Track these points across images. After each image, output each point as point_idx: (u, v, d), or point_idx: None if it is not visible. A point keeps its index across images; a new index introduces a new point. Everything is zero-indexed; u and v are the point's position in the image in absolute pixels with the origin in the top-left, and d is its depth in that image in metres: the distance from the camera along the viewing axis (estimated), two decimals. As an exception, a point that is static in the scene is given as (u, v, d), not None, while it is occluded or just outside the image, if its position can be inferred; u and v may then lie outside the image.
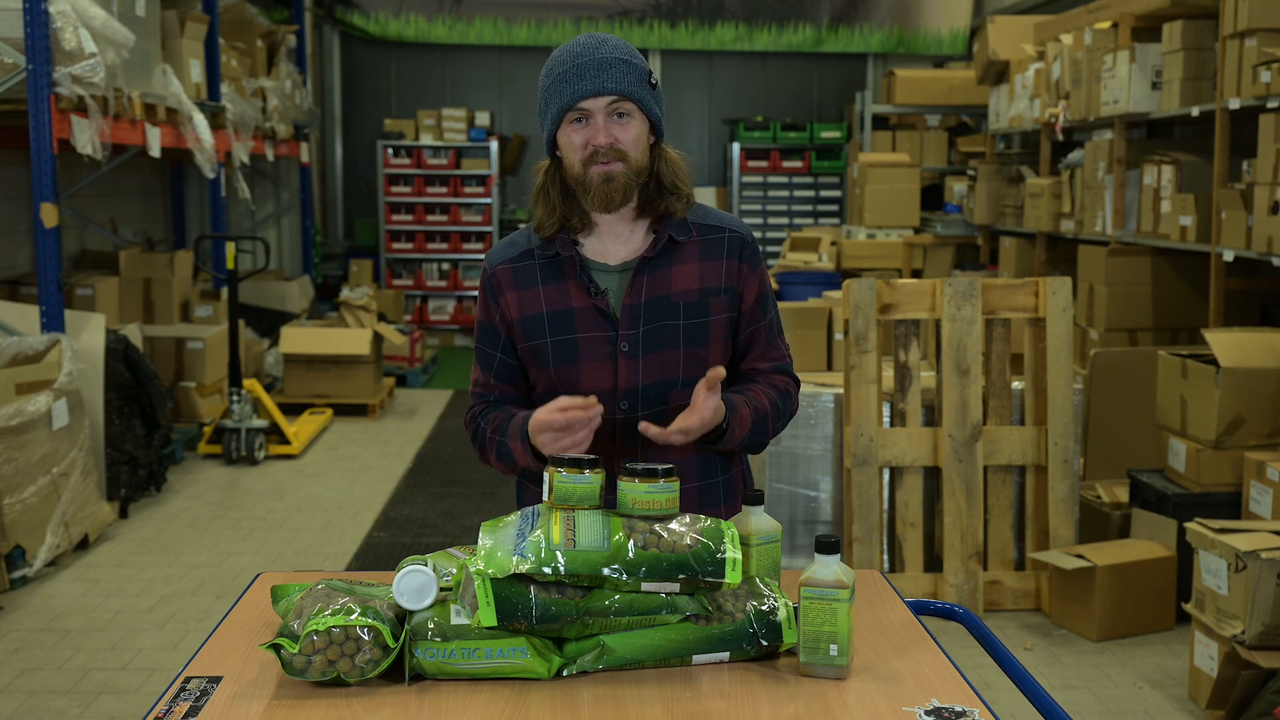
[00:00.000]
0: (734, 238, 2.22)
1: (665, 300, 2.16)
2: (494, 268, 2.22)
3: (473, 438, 2.26)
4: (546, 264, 2.19)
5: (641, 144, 2.14)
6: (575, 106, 2.09)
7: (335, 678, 1.68)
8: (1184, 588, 4.23)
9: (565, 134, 2.13)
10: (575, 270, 2.17)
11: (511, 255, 2.22)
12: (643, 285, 2.15)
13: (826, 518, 4.66)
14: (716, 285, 2.19)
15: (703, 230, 2.21)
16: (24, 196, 6.82)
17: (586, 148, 2.10)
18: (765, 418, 2.20)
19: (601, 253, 2.19)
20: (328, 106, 11.75)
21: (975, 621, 2.16)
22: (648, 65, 2.16)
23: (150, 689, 3.86)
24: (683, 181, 2.19)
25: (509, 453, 2.16)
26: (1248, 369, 4.24)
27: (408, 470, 6.70)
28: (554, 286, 2.17)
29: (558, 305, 2.17)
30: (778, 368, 2.28)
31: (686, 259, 2.18)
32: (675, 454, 2.18)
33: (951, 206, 9.25)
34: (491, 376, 2.25)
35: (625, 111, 2.11)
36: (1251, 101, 4.90)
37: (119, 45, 5.49)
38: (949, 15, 11.53)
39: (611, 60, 2.10)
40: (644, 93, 2.13)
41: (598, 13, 11.53)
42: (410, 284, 11.37)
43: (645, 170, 2.15)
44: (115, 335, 5.88)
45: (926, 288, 4.52)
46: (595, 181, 2.10)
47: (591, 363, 2.15)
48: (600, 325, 2.15)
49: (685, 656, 1.77)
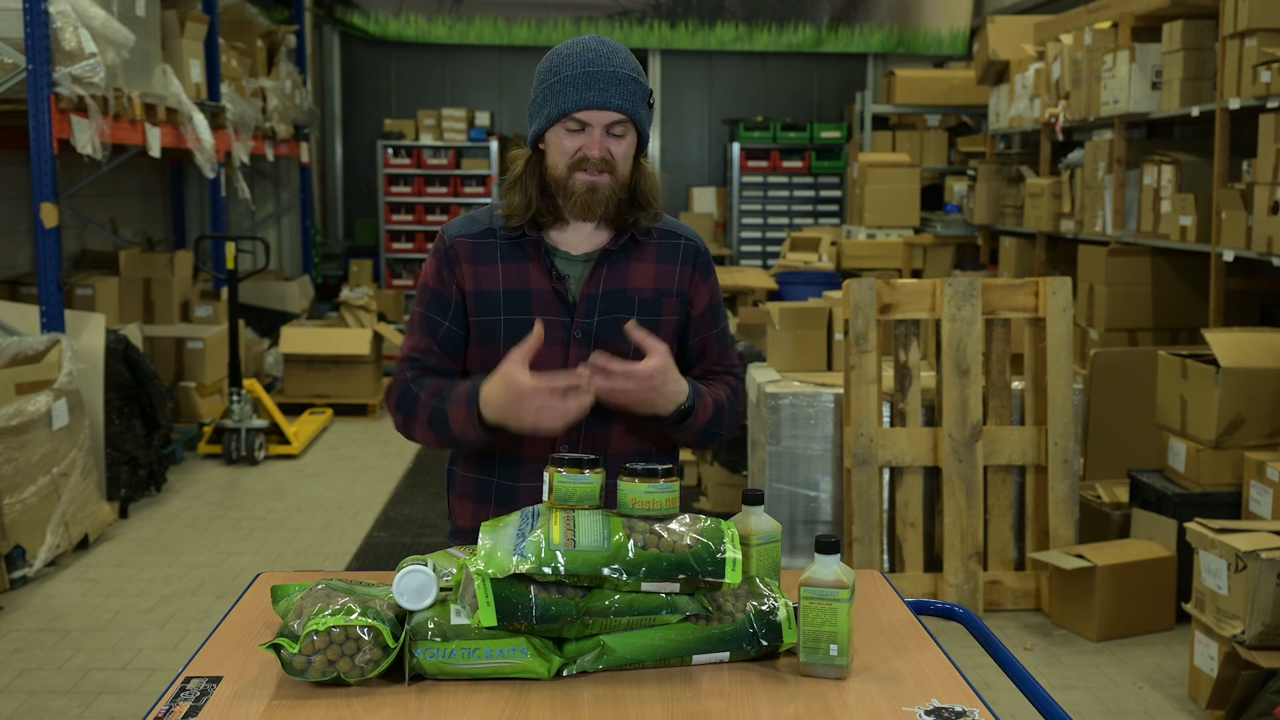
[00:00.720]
0: (689, 246, 2.28)
1: (622, 294, 2.19)
2: (452, 239, 2.22)
3: (398, 402, 2.21)
4: (509, 244, 2.20)
5: (629, 160, 2.17)
6: (576, 115, 2.10)
7: (335, 678, 1.68)
8: (1184, 588, 4.23)
9: (557, 135, 2.14)
10: (539, 254, 2.19)
11: (473, 231, 2.23)
12: (602, 276, 2.19)
13: (826, 518, 4.66)
14: (670, 287, 2.23)
15: (661, 234, 2.26)
16: (24, 196, 6.82)
17: (577, 154, 2.12)
18: (722, 410, 2.24)
19: (565, 241, 2.22)
20: (328, 106, 11.75)
21: (975, 621, 2.16)
22: (648, 84, 2.19)
23: (150, 689, 3.86)
24: (655, 197, 2.23)
25: (444, 419, 2.12)
26: (1248, 369, 4.24)
27: (408, 470, 6.70)
28: (514, 266, 2.19)
29: (516, 285, 2.18)
30: (730, 371, 2.33)
31: (645, 258, 2.23)
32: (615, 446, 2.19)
33: (951, 206, 9.25)
34: (435, 343, 2.21)
35: (622, 131, 2.14)
36: (1251, 101, 4.90)
37: (119, 45, 5.49)
38: (949, 15, 11.53)
39: (621, 76, 2.12)
40: (643, 113, 2.16)
41: (598, 13, 11.53)
42: (410, 284, 11.37)
43: (627, 184, 2.18)
44: (115, 335, 5.88)
45: (926, 288, 4.52)
46: (579, 189, 2.13)
47: (544, 345, 2.13)
48: (557, 310, 2.17)
49: (685, 656, 1.77)
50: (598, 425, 2.17)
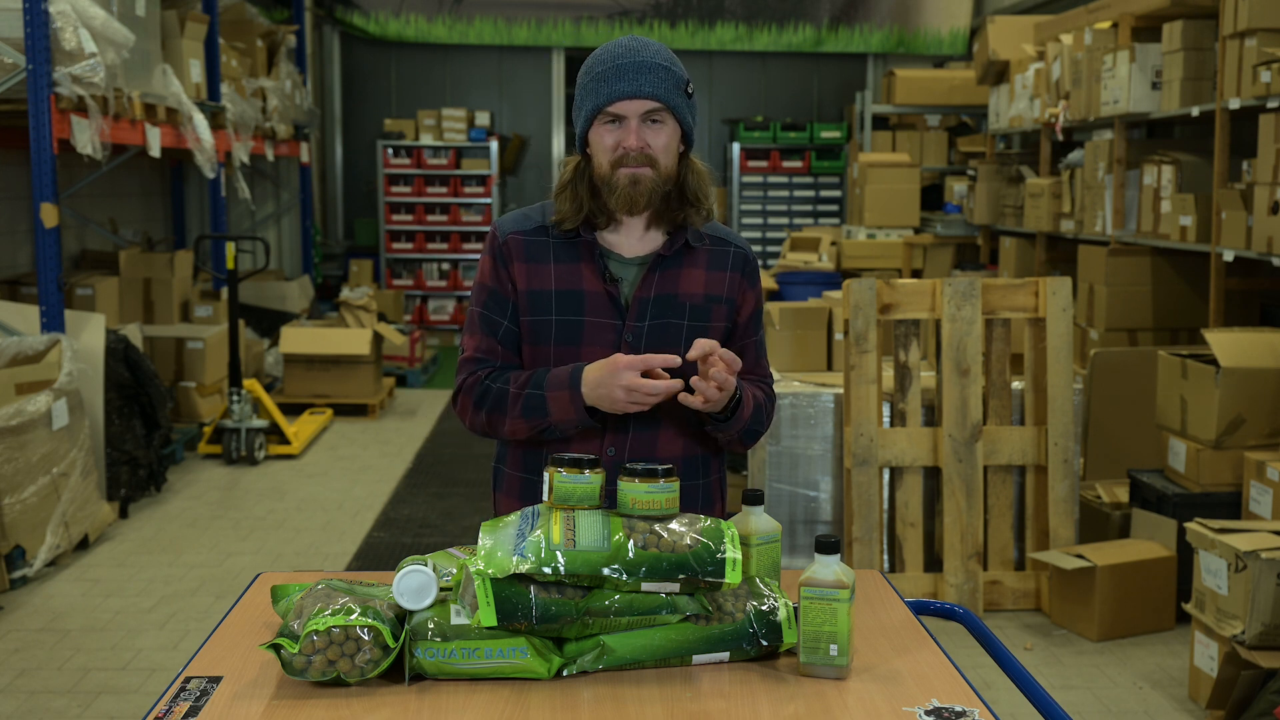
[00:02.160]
0: (739, 254, 2.28)
1: (673, 299, 2.19)
2: (506, 235, 2.22)
3: (479, 400, 2.19)
4: (561, 243, 2.20)
5: (672, 152, 2.16)
6: (609, 108, 2.11)
7: (335, 678, 1.68)
8: (1184, 588, 4.23)
9: (597, 133, 2.14)
10: (593, 255, 2.18)
11: (526, 228, 2.22)
12: (654, 280, 2.18)
13: (826, 518, 4.66)
14: (720, 294, 2.23)
15: (713, 241, 2.26)
16: (24, 196, 6.82)
17: (617, 149, 2.12)
18: (761, 408, 2.24)
19: (618, 244, 2.21)
20: (328, 106, 11.75)
21: (975, 621, 2.16)
22: (686, 73, 2.18)
23: (150, 689, 3.86)
24: (704, 194, 2.22)
25: (542, 404, 2.12)
26: (1248, 369, 4.24)
27: (408, 470, 6.70)
28: (567, 266, 2.18)
29: (568, 285, 2.18)
30: (763, 381, 2.33)
31: (696, 264, 2.22)
32: (663, 450, 2.19)
33: (951, 206, 9.25)
34: (498, 343, 2.21)
35: (659, 119, 2.13)
36: (1251, 101, 4.90)
37: (119, 45, 5.49)
38: (949, 15, 11.52)
39: (651, 65, 2.11)
40: (680, 100, 2.14)
41: (598, 13, 11.53)
42: (410, 284, 11.37)
43: (673, 178, 2.17)
44: (115, 335, 5.88)
45: (926, 288, 4.52)
46: (622, 183, 2.12)
47: (594, 348, 2.16)
48: (609, 312, 2.17)
49: (685, 656, 1.77)
50: (645, 429, 2.18)
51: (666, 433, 2.20)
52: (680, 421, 2.19)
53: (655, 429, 2.19)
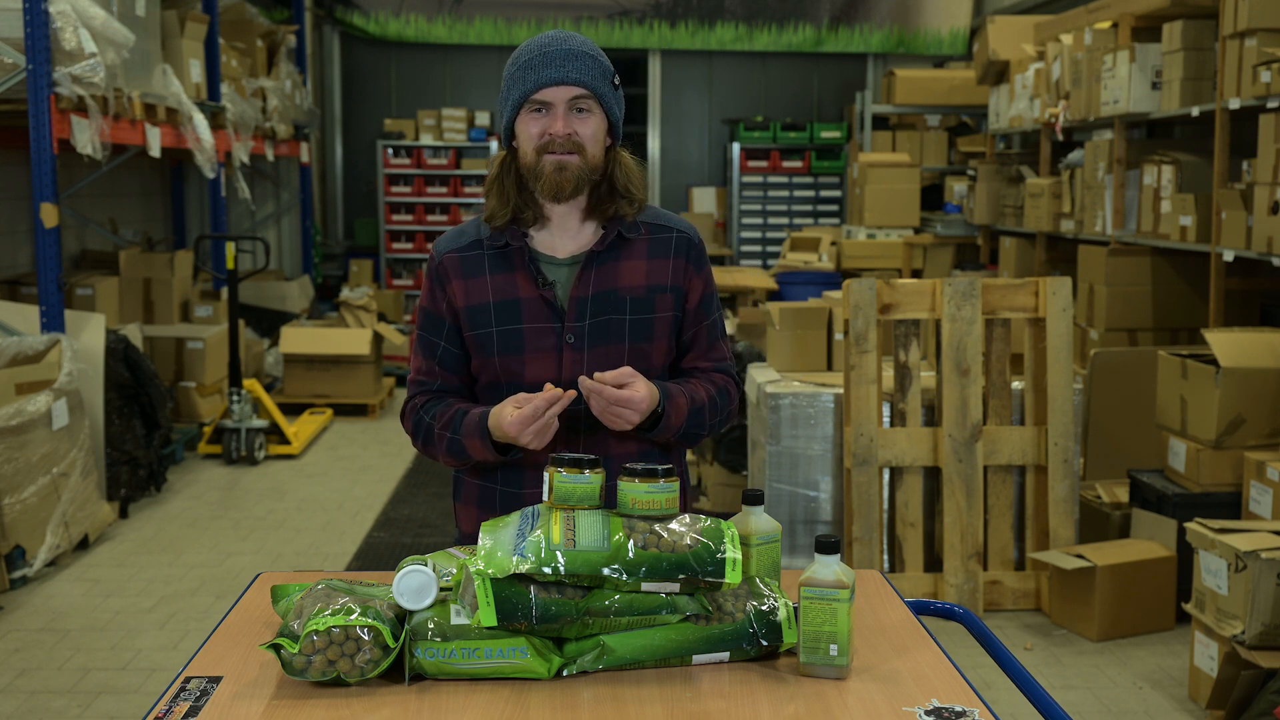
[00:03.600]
0: (681, 238, 2.23)
1: (613, 294, 2.16)
2: (441, 256, 2.22)
3: (414, 431, 2.24)
4: (495, 255, 2.18)
5: (599, 141, 2.14)
6: (536, 95, 2.09)
7: (335, 678, 1.68)
8: (1184, 588, 4.23)
9: (523, 122, 2.13)
10: (524, 261, 2.16)
11: (460, 245, 2.22)
12: (590, 278, 2.16)
13: (826, 518, 4.66)
14: (663, 283, 2.20)
15: (652, 229, 2.22)
16: (24, 196, 6.82)
17: (542, 136, 2.11)
18: (702, 409, 2.19)
19: (550, 246, 2.19)
20: (328, 106, 11.75)
21: (975, 621, 2.16)
22: (611, 66, 2.17)
23: (150, 689, 3.86)
24: (635, 186, 2.20)
25: (462, 450, 2.15)
26: (1248, 369, 4.24)
27: (408, 470, 6.70)
28: (502, 277, 2.17)
29: (505, 295, 2.16)
30: (719, 367, 2.28)
31: (635, 255, 2.19)
32: (615, 448, 2.17)
33: (951, 206, 9.25)
34: (435, 364, 2.23)
35: (586, 107, 2.12)
36: (1251, 101, 4.90)
37: (119, 45, 5.49)
38: (949, 15, 11.52)
39: (578, 53, 2.11)
40: (606, 89, 2.14)
41: (598, 13, 11.53)
42: (410, 284, 11.37)
43: (599, 168, 2.15)
44: (115, 335, 5.88)
45: (926, 288, 4.52)
46: (547, 169, 2.11)
47: (536, 354, 2.14)
48: (547, 316, 2.15)
49: (685, 656, 1.77)
50: (594, 432, 2.16)
51: (617, 433, 2.15)
52: None
53: (605, 430, 2.15)
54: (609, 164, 2.17)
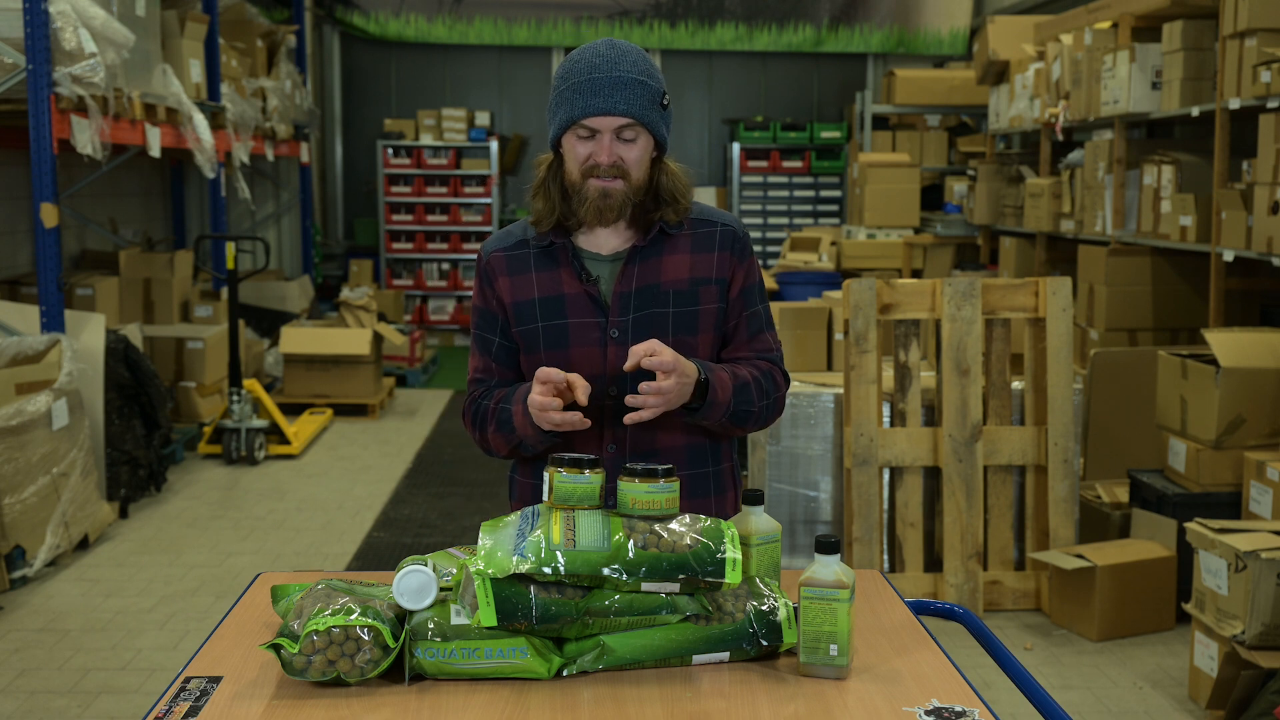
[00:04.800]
0: (726, 231, 2.25)
1: (656, 288, 2.18)
2: (489, 255, 2.26)
3: (472, 420, 2.26)
4: (540, 252, 2.22)
5: (644, 163, 2.16)
6: (583, 121, 2.11)
7: (335, 678, 1.68)
8: (1184, 588, 4.23)
9: (569, 141, 2.15)
10: (568, 258, 2.20)
11: (507, 244, 2.26)
12: (634, 273, 2.18)
13: (826, 518, 4.66)
14: (707, 276, 2.21)
15: (695, 224, 2.24)
16: (24, 196, 6.82)
17: (588, 160, 2.12)
18: (747, 385, 2.18)
19: (594, 242, 2.22)
20: (328, 106, 11.75)
21: (975, 621, 2.16)
22: (662, 84, 2.17)
23: (150, 689, 3.86)
24: (682, 194, 2.21)
25: (509, 418, 2.16)
26: (1248, 369, 4.24)
27: (408, 470, 6.70)
28: (547, 273, 2.21)
29: (550, 291, 2.20)
30: (762, 355, 2.27)
31: (678, 250, 2.21)
32: (664, 441, 2.18)
33: (951, 206, 9.25)
34: (491, 360, 2.27)
35: (631, 136, 2.12)
36: (1251, 101, 4.90)
37: (119, 45, 5.49)
38: (949, 15, 11.52)
39: (626, 80, 2.10)
40: (654, 115, 2.14)
41: (598, 13, 11.53)
42: (410, 284, 11.37)
43: (644, 188, 2.17)
44: (115, 335, 5.88)
45: (926, 288, 4.52)
46: (592, 194, 2.13)
47: (581, 348, 2.17)
48: (591, 311, 2.18)
49: (685, 656, 1.77)
50: (643, 428, 2.17)
51: (664, 425, 2.18)
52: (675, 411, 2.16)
53: (653, 426, 2.18)
54: (655, 175, 2.19)
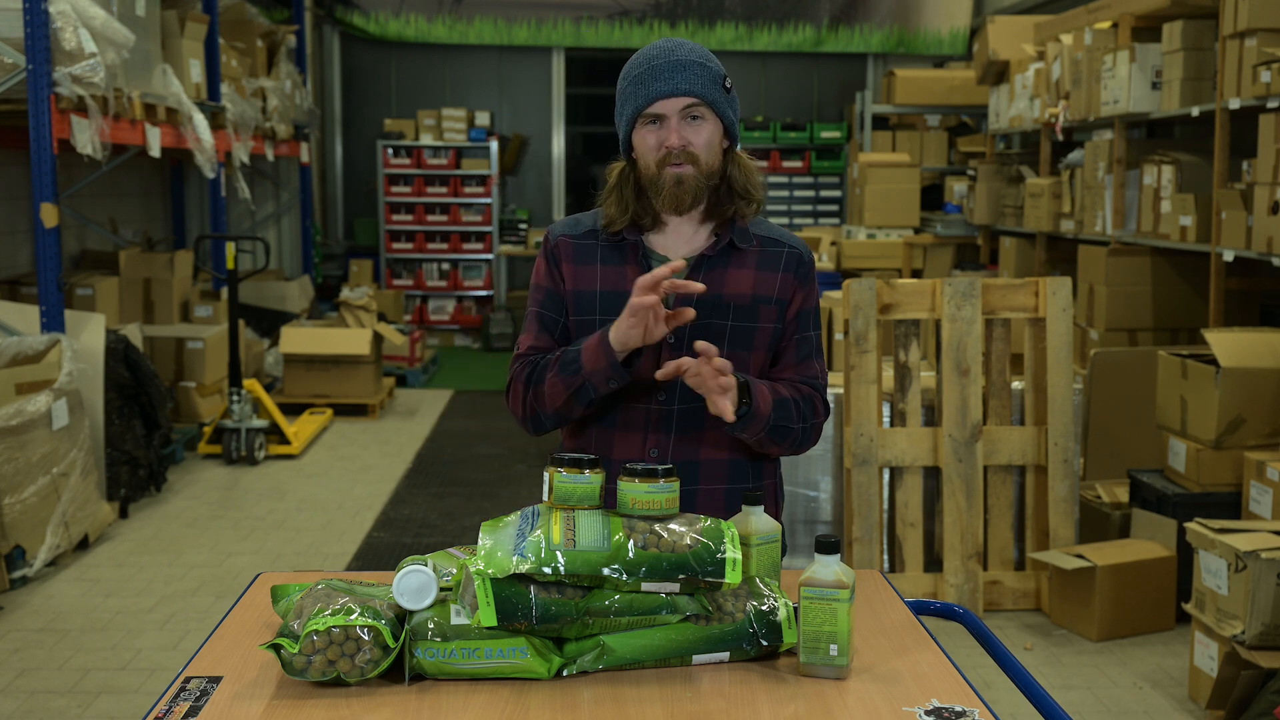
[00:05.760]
0: (792, 254, 2.26)
1: (718, 300, 2.19)
2: (556, 238, 2.27)
3: (526, 379, 2.21)
4: (608, 246, 2.23)
5: (714, 147, 2.17)
6: (649, 109, 2.13)
7: (335, 678, 1.68)
8: (1184, 588, 4.23)
9: (640, 135, 2.17)
10: (636, 256, 2.21)
11: (575, 232, 2.27)
12: (698, 281, 2.16)
13: (826, 518, 4.66)
14: (769, 295, 2.22)
15: (764, 242, 2.25)
16: (24, 196, 6.82)
17: (660, 149, 2.14)
18: (786, 402, 2.18)
19: (664, 245, 2.23)
20: (328, 106, 11.75)
21: (975, 621, 2.16)
22: (722, 69, 2.19)
23: (150, 689, 3.86)
24: (754, 186, 2.22)
25: (574, 358, 2.12)
26: (1248, 369, 4.24)
27: (408, 470, 6.70)
28: (612, 268, 2.22)
29: (613, 286, 2.20)
30: (806, 380, 2.26)
31: (744, 265, 2.22)
32: (706, 454, 2.19)
33: (951, 206, 9.25)
34: (553, 339, 2.25)
35: (699, 115, 2.14)
36: (1251, 101, 4.90)
37: (119, 45, 5.49)
38: (949, 15, 11.52)
39: (687, 62, 2.13)
40: (718, 95, 2.16)
41: (598, 13, 11.53)
42: (410, 284, 11.37)
43: (716, 173, 2.18)
44: (115, 335, 5.88)
45: (926, 288, 4.52)
46: (668, 183, 2.14)
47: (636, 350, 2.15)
48: None
49: (685, 656, 1.77)
50: (688, 431, 2.18)
51: (711, 435, 2.18)
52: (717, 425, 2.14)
53: (699, 430, 2.18)
54: (726, 166, 2.20)
